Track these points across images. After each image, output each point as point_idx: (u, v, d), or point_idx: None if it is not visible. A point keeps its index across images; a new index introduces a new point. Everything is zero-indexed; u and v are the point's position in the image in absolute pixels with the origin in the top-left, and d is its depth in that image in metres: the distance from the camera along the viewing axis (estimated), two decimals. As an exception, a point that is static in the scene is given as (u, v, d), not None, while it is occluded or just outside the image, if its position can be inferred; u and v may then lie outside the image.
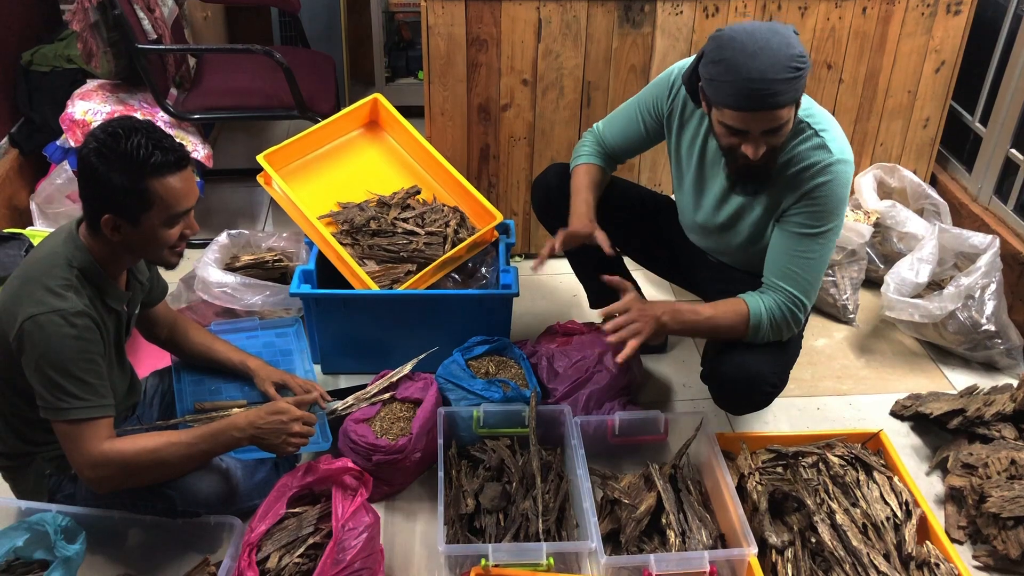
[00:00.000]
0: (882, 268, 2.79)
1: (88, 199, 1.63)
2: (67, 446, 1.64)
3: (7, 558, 1.74)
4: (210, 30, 3.60)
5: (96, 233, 1.66)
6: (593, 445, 2.10)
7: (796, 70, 1.67)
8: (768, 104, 1.68)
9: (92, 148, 1.58)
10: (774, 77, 1.65)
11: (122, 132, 1.57)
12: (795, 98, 1.71)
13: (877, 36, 2.77)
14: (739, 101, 1.69)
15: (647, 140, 2.17)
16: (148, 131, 1.60)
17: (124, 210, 1.61)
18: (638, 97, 2.15)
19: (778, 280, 1.90)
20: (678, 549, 1.85)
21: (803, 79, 1.70)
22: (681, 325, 1.93)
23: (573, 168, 2.23)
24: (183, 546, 1.90)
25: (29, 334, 1.58)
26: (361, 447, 2.00)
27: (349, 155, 2.63)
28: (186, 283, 2.60)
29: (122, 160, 1.57)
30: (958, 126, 3.06)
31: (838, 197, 1.85)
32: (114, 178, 1.57)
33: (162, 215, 1.63)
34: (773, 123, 1.72)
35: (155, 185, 1.59)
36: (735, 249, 2.09)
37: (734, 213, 2.01)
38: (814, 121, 1.86)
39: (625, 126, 2.17)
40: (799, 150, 1.86)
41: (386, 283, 2.34)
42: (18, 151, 3.07)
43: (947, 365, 2.59)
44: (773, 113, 1.70)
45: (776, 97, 1.67)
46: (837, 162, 1.83)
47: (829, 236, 1.88)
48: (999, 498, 1.96)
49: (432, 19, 2.60)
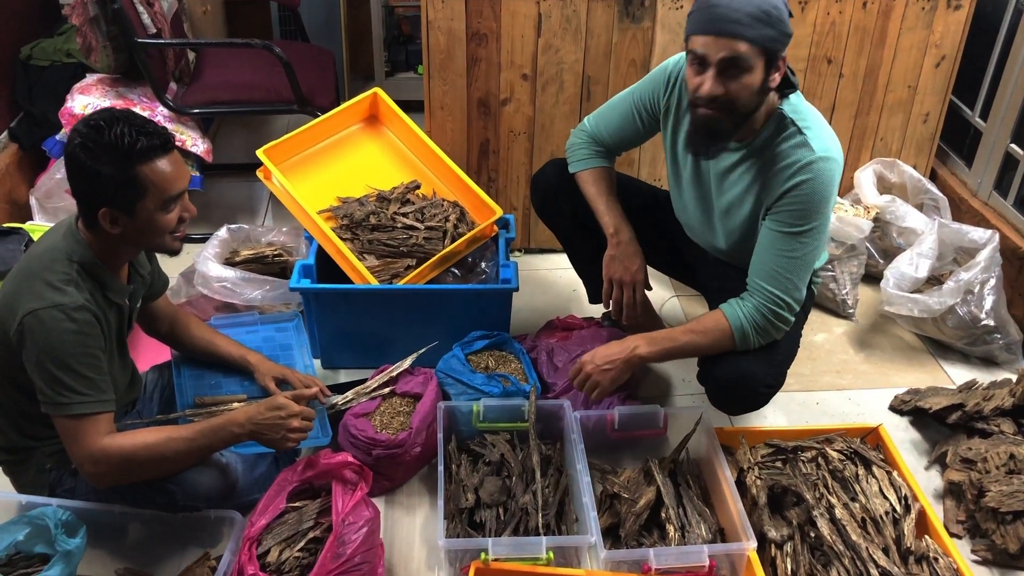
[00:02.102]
0: (881, 263, 2.79)
1: (81, 195, 1.63)
2: (67, 441, 1.64)
3: (8, 552, 1.75)
4: (209, 24, 3.59)
5: (95, 228, 1.66)
6: (593, 440, 2.10)
7: (765, 15, 1.69)
8: (727, 30, 1.70)
9: (77, 144, 1.57)
10: (739, 8, 1.69)
11: (104, 123, 1.57)
12: (759, 42, 1.71)
13: (877, 31, 2.76)
14: (703, 25, 1.74)
15: (642, 135, 2.17)
16: (129, 119, 1.59)
17: (118, 201, 1.60)
18: (631, 91, 2.14)
19: (760, 281, 1.89)
20: (677, 543, 1.86)
21: (773, 29, 1.71)
22: (659, 351, 1.95)
23: (578, 173, 2.20)
24: (183, 540, 1.90)
25: (30, 329, 1.58)
26: (361, 441, 2.00)
27: (349, 150, 2.63)
28: (186, 278, 2.60)
29: (108, 151, 1.56)
30: (958, 121, 3.06)
31: (820, 196, 1.83)
32: (103, 170, 1.57)
33: (156, 200, 1.63)
34: (730, 52, 1.72)
35: (145, 171, 1.59)
36: (728, 245, 2.08)
37: (726, 208, 2.01)
38: (799, 118, 1.86)
39: (621, 122, 2.16)
40: (782, 148, 1.85)
41: (386, 278, 2.34)
42: (18, 145, 3.06)
43: (946, 360, 2.59)
44: (732, 43, 1.71)
45: (737, 25, 1.70)
46: (819, 160, 1.81)
47: (812, 235, 1.86)
48: (998, 493, 1.96)
49: (432, 14, 2.59)
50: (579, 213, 2.21)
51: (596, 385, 1.96)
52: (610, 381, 1.96)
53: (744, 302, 1.91)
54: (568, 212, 2.26)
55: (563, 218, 2.31)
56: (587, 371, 1.96)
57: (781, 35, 1.74)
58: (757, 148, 1.90)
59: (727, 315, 1.90)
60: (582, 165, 2.20)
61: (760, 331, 1.90)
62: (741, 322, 1.89)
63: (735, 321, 1.89)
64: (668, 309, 2.76)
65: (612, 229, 2.13)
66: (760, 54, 1.73)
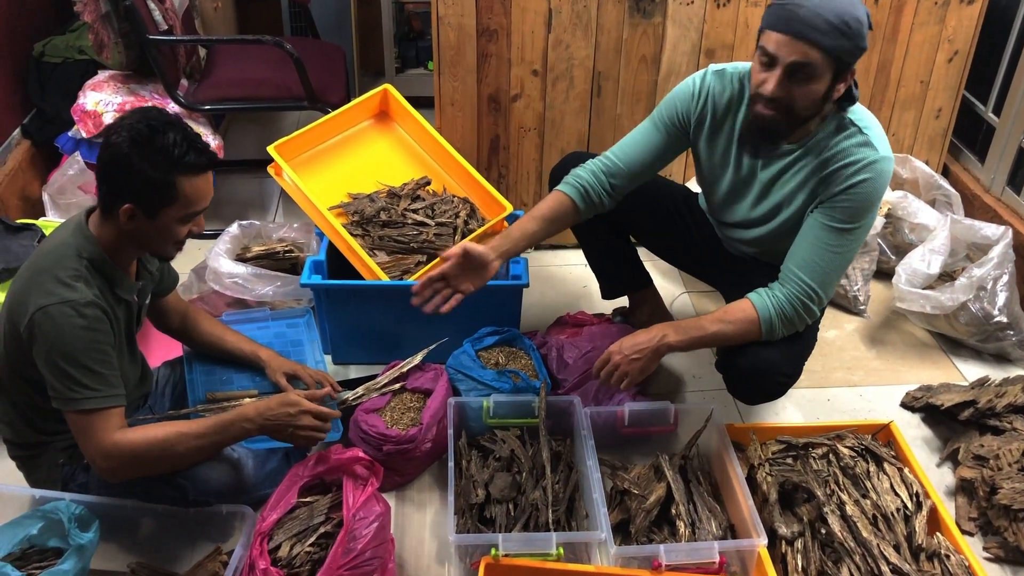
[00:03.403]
0: (893, 259, 2.78)
1: (111, 185, 1.64)
2: (79, 436, 1.66)
3: (21, 546, 1.76)
4: (220, 21, 3.60)
5: (108, 221, 1.67)
6: (603, 436, 2.10)
7: (846, 25, 1.67)
8: (802, 33, 1.68)
9: (126, 137, 1.59)
10: (819, 14, 1.67)
11: (159, 126, 1.60)
12: (833, 52, 1.70)
13: (889, 26, 2.75)
14: (781, 23, 1.71)
15: (663, 150, 2.06)
16: (183, 129, 1.63)
17: (146, 202, 1.63)
18: (652, 116, 2.07)
19: (798, 271, 1.88)
20: (688, 539, 1.86)
21: (849, 43, 1.69)
22: (688, 339, 1.92)
23: (552, 189, 2.12)
24: (195, 535, 1.91)
25: (40, 324, 1.59)
26: (372, 437, 2.00)
27: (359, 146, 2.63)
28: (197, 274, 2.61)
29: (157, 153, 1.59)
30: (971, 116, 3.04)
31: (876, 195, 1.84)
32: (145, 170, 1.59)
33: (180, 212, 1.66)
34: (799, 57, 1.70)
35: (183, 183, 1.63)
36: (767, 241, 2.06)
37: (774, 207, 1.99)
38: (857, 119, 1.86)
39: (642, 139, 2.06)
40: (844, 146, 1.84)
41: (396, 274, 2.34)
42: (30, 142, 3.08)
43: (958, 356, 2.58)
44: (803, 47, 1.69)
45: (815, 32, 1.68)
46: (882, 160, 1.82)
47: (858, 233, 1.87)
48: (1010, 490, 1.96)
49: (442, 9, 2.59)
50: None
51: (625, 375, 1.93)
52: (639, 371, 1.93)
53: (774, 292, 1.90)
54: None
55: None
56: (615, 360, 1.93)
57: (856, 48, 1.72)
58: (812, 147, 1.89)
59: (756, 305, 1.90)
60: (560, 184, 2.09)
61: (787, 321, 1.89)
62: (770, 312, 1.88)
63: (764, 311, 1.88)
64: (679, 305, 2.76)
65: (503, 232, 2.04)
66: (831, 64, 1.72)
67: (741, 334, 1.92)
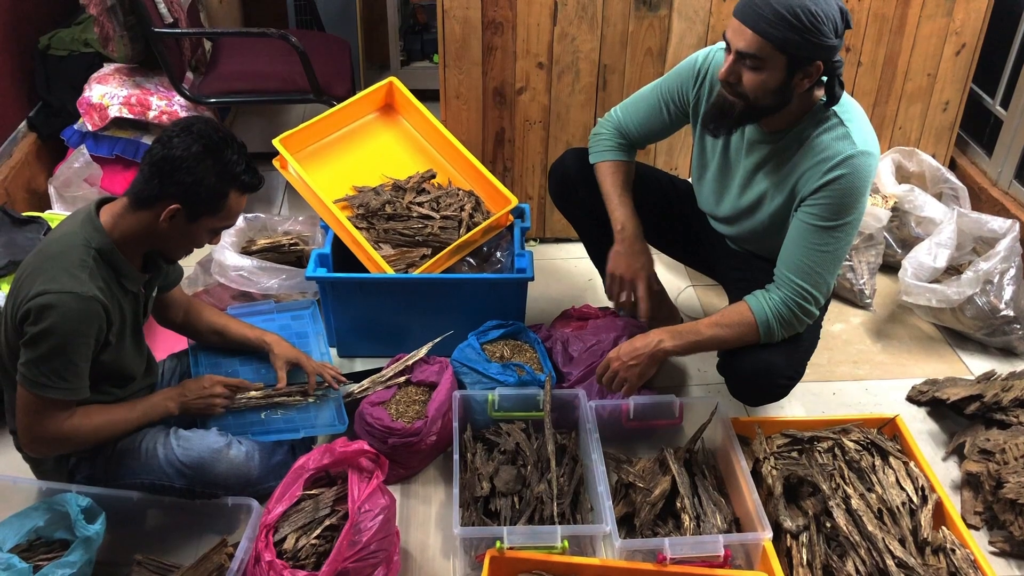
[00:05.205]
0: (899, 253, 2.77)
1: (164, 182, 1.65)
2: (26, 413, 1.68)
3: (28, 537, 1.77)
4: (226, 14, 3.60)
5: (137, 213, 1.69)
6: (608, 429, 2.10)
7: (795, 18, 1.66)
8: (751, 22, 1.69)
9: (198, 144, 1.65)
10: (769, 4, 1.67)
11: (228, 141, 1.69)
12: (779, 43, 1.69)
13: (896, 18, 2.74)
14: (737, 8, 1.75)
15: (669, 127, 2.15)
16: (243, 148, 1.73)
17: (195, 206, 1.68)
18: (659, 84, 2.12)
19: (789, 273, 1.88)
20: (693, 533, 1.86)
21: (797, 36, 1.68)
22: (684, 344, 1.93)
23: (597, 163, 2.19)
24: (201, 527, 1.92)
25: (38, 309, 1.60)
26: (377, 430, 2.01)
27: (364, 139, 2.63)
28: (203, 266, 2.62)
29: (223, 165, 1.68)
30: (978, 109, 3.03)
31: (857, 191, 1.81)
32: (208, 177, 1.66)
33: (217, 223, 1.74)
34: (744, 45, 1.72)
35: (232, 197, 1.72)
36: (757, 236, 2.07)
37: (756, 199, 2.00)
38: (841, 111, 1.84)
39: (647, 114, 2.14)
40: (822, 138, 1.83)
41: (401, 267, 2.34)
42: (36, 135, 3.08)
43: (964, 350, 2.57)
44: (750, 34, 1.70)
45: (760, 21, 1.68)
46: (859, 154, 1.79)
47: (845, 230, 1.84)
48: (1016, 484, 1.95)
49: (447, 2, 2.59)
50: (597, 202, 2.19)
51: (624, 382, 1.97)
52: (637, 376, 1.96)
53: (770, 294, 1.90)
54: (586, 201, 2.25)
55: (580, 207, 2.30)
56: (614, 367, 1.96)
57: (807, 43, 1.69)
58: (793, 138, 1.88)
59: (752, 308, 1.90)
60: (602, 156, 2.19)
61: (785, 324, 1.89)
62: (767, 315, 1.88)
63: (760, 314, 1.88)
64: (684, 299, 2.75)
65: (619, 225, 2.12)
66: (779, 55, 1.71)
67: (738, 337, 1.92)
